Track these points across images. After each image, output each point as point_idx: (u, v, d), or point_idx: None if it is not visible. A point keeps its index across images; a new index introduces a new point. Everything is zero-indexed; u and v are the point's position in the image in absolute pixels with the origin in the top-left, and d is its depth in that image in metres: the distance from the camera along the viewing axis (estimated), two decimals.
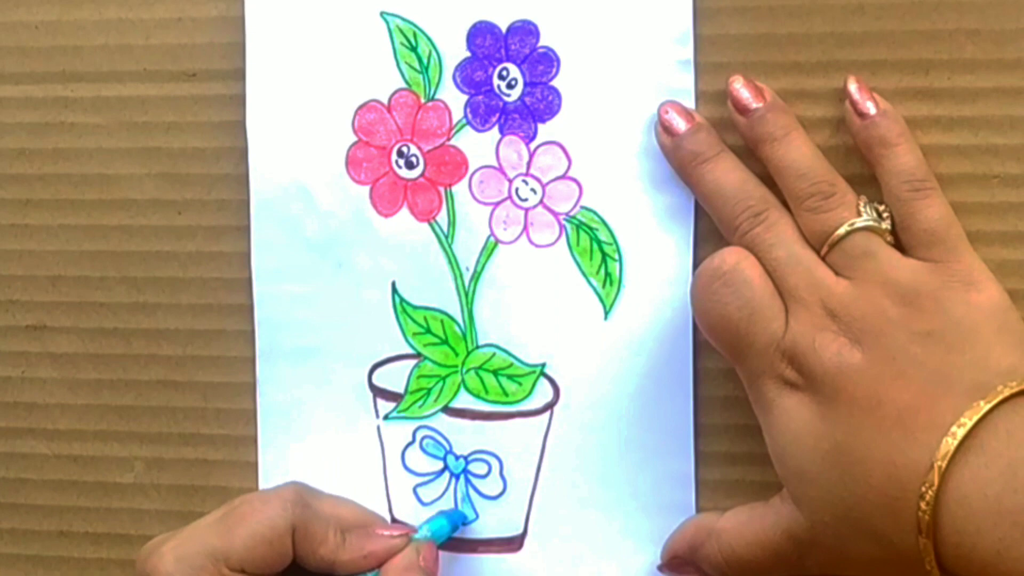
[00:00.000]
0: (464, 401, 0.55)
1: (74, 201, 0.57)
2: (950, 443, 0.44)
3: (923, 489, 0.44)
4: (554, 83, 0.53)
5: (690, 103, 0.52)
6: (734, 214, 0.50)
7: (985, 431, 0.45)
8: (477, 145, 0.54)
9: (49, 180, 0.57)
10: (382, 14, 0.53)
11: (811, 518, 0.48)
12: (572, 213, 0.54)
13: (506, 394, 0.55)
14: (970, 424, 0.45)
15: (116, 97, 0.56)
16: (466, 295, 0.55)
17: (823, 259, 0.49)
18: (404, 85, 0.54)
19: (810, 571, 0.49)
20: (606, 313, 0.54)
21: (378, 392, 0.56)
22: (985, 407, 0.45)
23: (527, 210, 0.54)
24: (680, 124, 0.51)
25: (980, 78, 0.51)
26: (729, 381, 0.52)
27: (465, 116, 0.54)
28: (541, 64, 0.53)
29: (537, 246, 0.54)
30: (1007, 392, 0.45)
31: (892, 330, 0.47)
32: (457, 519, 0.55)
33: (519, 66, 0.53)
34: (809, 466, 0.47)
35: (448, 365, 0.55)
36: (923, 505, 0.44)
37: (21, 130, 0.57)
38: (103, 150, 0.56)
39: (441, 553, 0.55)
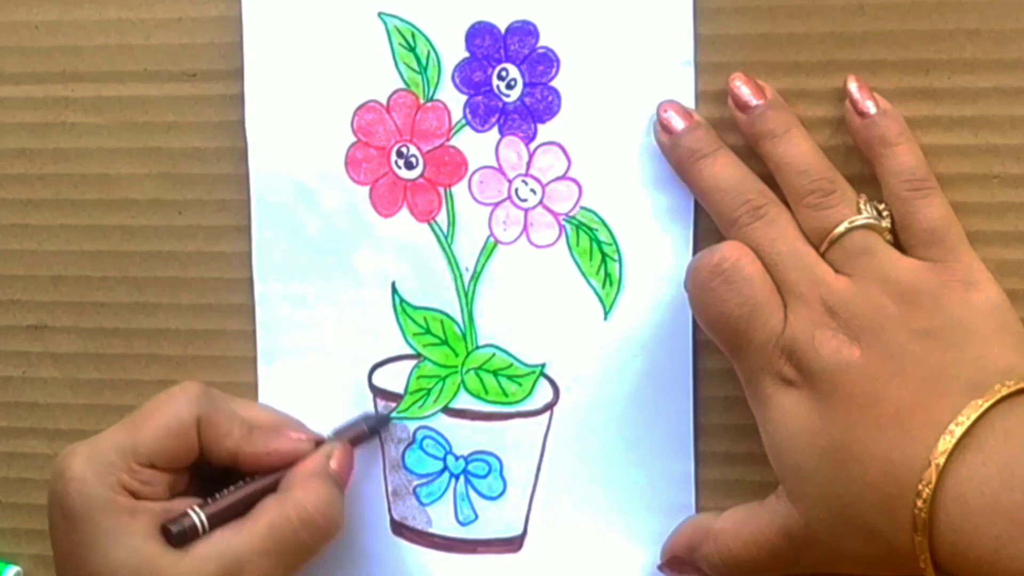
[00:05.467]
0: (464, 401, 0.55)
1: (74, 201, 0.57)
2: (948, 441, 0.44)
3: (920, 487, 0.44)
4: (554, 83, 0.53)
5: (690, 103, 0.52)
6: (733, 207, 0.50)
7: (983, 429, 0.45)
8: (476, 145, 0.54)
9: (49, 180, 0.57)
10: (380, 15, 0.53)
11: (807, 515, 0.48)
12: (572, 213, 0.54)
13: (506, 394, 0.55)
14: (968, 422, 0.44)
15: (116, 97, 0.56)
16: (466, 295, 0.55)
17: (822, 256, 0.49)
18: (403, 85, 0.54)
19: (806, 569, 0.49)
20: (606, 313, 0.54)
21: (378, 392, 0.56)
22: (983, 406, 0.45)
23: (527, 210, 0.54)
24: (678, 123, 0.51)
25: (980, 78, 0.51)
26: (729, 381, 0.52)
27: (464, 116, 0.54)
28: (540, 64, 0.53)
29: (537, 246, 0.54)
30: (1005, 391, 0.45)
31: (891, 328, 0.47)
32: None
33: (518, 66, 0.53)
34: (805, 463, 0.47)
35: (448, 365, 0.55)
36: (920, 503, 0.44)
37: (21, 130, 0.57)
38: (103, 150, 0.56)
39: (441, 554, 0.55)
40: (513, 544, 0.56)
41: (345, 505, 0.52)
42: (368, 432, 0.55)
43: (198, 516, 0.50)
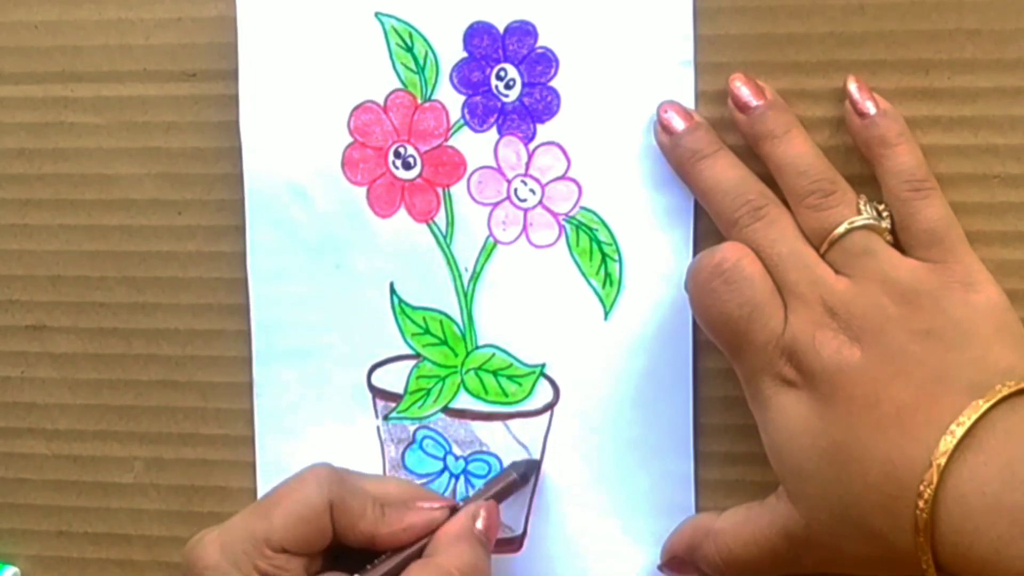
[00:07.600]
0: (464, 402, 0.55)
1: (74, 201, 0.57)
2: (949, 441, 0.44)
3: (921, 487, 0.44)
4: (553, 83, 0.53)
5: (690, 103, 0.52)
6: (733, 207, 0.50)
7: (984, 430, 0.45)
8: (475, 145, 0.54)
9: (49, 180, 0.57)
10: (377, 15, 0.53)
11: (807, 516, 0.48)
12: (571, 213, 0.54)
13: (506, 395, 0.55)
14: (969, 423, 0.44)
15: (116, 97, 0.56)
16: (465, 296, 0.55)
17: (822, 257, 0.49)
18: (400, 86, 0.54)
19: (806, 570, 0.49)
20: (606, 313, 0.54)
21: (377, 393, 0.56)
22: (984, 406, 0.45)
23: (526, 210, 0.54)
24: (679, 123, 0.51)
25: (980, 78, 0.51)
26: (729, 381, 0.52)
27: (463, 117, 0.54)
28: (539, 64, 0.53)
29: (536, 246, 0.54)
30: (1005, 391, 0.45)
31: (891, 328, 0.47)
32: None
33: (517, 66, 0.53)
34: (806, 464, 0.47)
35: (447, 366, 0.55)
36: (921, 504, 0.44)
37: (21, 130, 0.57)
38: (103, 150, 0.56)
39: None
40: (513, 544, 0.56)
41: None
42: (519, 479, 0.54)
43: None
